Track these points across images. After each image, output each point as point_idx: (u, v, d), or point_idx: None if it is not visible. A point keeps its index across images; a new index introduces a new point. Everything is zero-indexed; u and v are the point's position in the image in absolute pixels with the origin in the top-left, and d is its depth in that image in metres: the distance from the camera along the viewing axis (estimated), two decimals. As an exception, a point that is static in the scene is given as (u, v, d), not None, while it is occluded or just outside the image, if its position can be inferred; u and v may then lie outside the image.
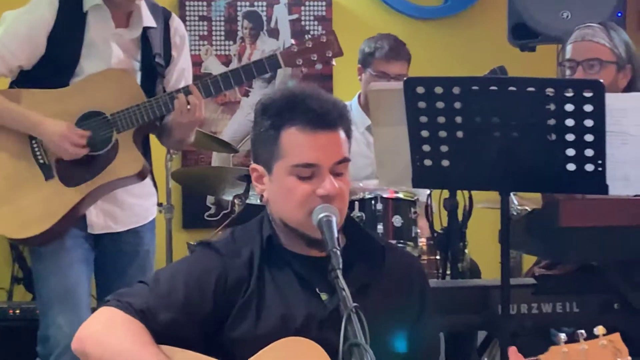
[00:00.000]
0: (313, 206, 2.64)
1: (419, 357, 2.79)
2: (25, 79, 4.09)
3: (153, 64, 4.13)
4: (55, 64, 4.05)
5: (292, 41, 5.43)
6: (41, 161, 4.00)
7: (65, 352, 2.92)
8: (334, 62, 4.23)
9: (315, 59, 4.09)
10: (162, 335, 2.65)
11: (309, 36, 4.22)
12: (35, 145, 4.00)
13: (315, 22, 5.74)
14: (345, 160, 2.71)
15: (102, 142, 3.97)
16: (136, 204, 4.21)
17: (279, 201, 2.73)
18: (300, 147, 2.67)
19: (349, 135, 2.74)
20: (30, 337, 4.29)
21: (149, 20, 4.12)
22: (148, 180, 4.21)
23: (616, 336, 2.62)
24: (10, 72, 4.07)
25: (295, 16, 5.84)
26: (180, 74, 4.22)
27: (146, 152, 4.16)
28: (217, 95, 4.26)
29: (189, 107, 3.94)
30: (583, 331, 2.62)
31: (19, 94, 4.05)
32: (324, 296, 2.71)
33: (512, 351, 2.60)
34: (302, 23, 5.57)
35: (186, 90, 3.97)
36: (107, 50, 4.07)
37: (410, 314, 2.80)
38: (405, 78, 4.96)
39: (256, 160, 2.78)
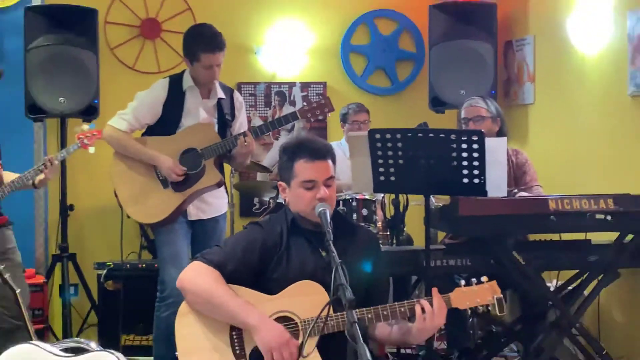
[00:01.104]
0: (314, 204, 2.66)
1: (377, 291, 2.79)
2: (150, 131, 4.10)
3: (224, 119, 4.11)
4: (167, 122, 4.05)
5: (304, 104, 5.45)
6: (160, 178, 4.00)
7: (174, 290, 2.93)
8: (329, 115, 4.23)
9: (318, 113, 4.07)
10: (230, 278, 2.67)
11: (314, 100, 4.23)
12: (156, 168, 4.00)
13: (317, 97, 5.71)
14: (332, 177, 2.73)
15: (196, 166, 3.97)
16: (215, 202, 4.17)
17: (295, 203, 2.75)
18: (305, 171, 2.70)
19: (334, 162, 2.75)
20: (151, 282, 4.28)
21: (220, 94, 4.12)
22: (223, 189, 4.19)
23: (494, 282, 2.67)
24: (141, 127, 4.09)
25: (305, 93, 5.81)
26: (240, 125, 4.19)
27: (222, 172, 4.13)
28: (262, 136, 4.24)
29: (246, 143, 3.95)
30: (474, 279, 2.66)
31: (148, 140, 4.06)
32: (323, 253, 2.71)
33: (435, 291, 2.60)
34: (309, 97, 5.55)
35: (244, 134, 3.97)
36: (197, 112, 4.06)
37: (369, 262, 2.79)
38: (368, 122, 5.07)
39: (281, 180, 2.79)
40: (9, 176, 3.99)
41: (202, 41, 3.94)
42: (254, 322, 2.57)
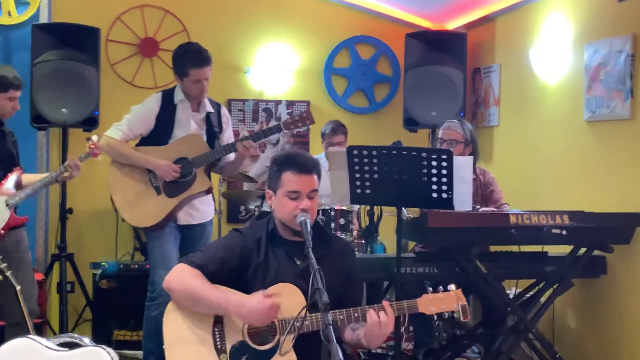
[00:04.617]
0: (297, 213, 2.65)
1: (351, 296, 2.78)
2: (144, 141, 4.07)
3: (212, 131, 4.08)
4: (160, 132, 4.02)
5: (288, 116, 5.41)
6: (154, 185, 3.96)
7: (162, 291, 2.91)
8: (310, 127, 4.16)
9: (300, 125, 4.03)
10: (211, 278, 2.67)
11: (297, 113, 4.20)
12: (150, 176, 3.97)
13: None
14: (315, 190, 2.72)
15: (187, 173, 3.94)
16: (203, 209, 4.14)
17: (279, 210, 2.73)
18: (291, 182, 2.69)
19: (319, 176, 2.74)
20: (142, 281, 4.25)
21: (209, 107, 4.10)
22: (210, 196, 4.16)
23: (459, 290, 2.66)
24: (135, 137, 4.04)
25: (290, 110, 5.79)
26: (228, 137, 4.17)
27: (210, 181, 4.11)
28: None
29: (245, 145, 3.89)
30: (441, 287, 2.66)
31: (142, 149, 4.03)
32: (298, 262, 2.72)
33: (386, 303, 2.59)
34: (293, 114, 5.52)
35: (243, 139, 3.93)
36: (188, 124, 4.03)
37: (343, 273, 2.79)
38: (344, 143, 5.03)
39: (269, 188, 2.79)
40: (28, 178, 3.99)
41: (190, 58, 3.93)
42: (233, 308, 2.59)
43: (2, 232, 3.85)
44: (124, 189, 3.98)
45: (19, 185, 3.93)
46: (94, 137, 4.02)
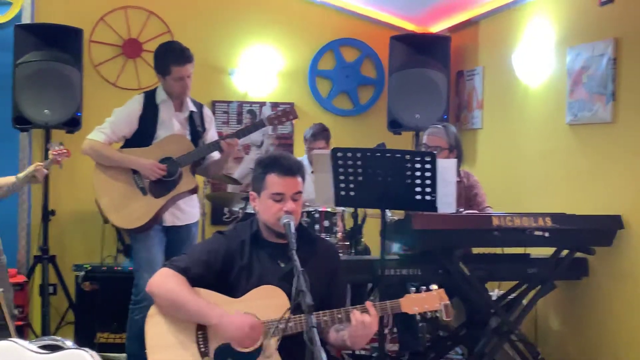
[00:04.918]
0: (281, 216, 2.65)
1: (335, 298, 2.78)
2: (127, 143, 4.05)
3: (196, 130, 4.09)
4: (143, 134, 4.01)
5: (272, 111, 5.40)
6: (140, 185, 3.96)
7: (147, 294, 2.91)
8: (294, 126, 4.17)
9: (284, 121, 4.08)
10: (195, 282, 2.67)
11: (279, 109, 4.24)
12: (136, 177, 3.96)
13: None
14: (299, 192, 2.72)
15: (173, 173, 3.95)
16: (189, 210, 4.14)
17: (263, 212, 2.73)
18: (275, 184, 2.69)
19: (303, 178, 2.75)
20: (125, 284, 4.24)
21: (192, 107, 4.10)
22: (196, 197, 4.16)
23: (442, 290, 2.67)
24: (118, 140, 4.04)
25: (274, 112, 5.74)
26: (211, 136, 4.16)
27: None
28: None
29: (230, 142, 3.94)
30: (424, 287, 2.67)
31: (125, 151, 4.02)
32: (282, 264, 2.72)
33: (369, 304, 2.60)
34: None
35: (227, 137, 3.97)
36: (171, 124, 4.03)
37: (327, 275, 2.79)
38: (325, 149, 4.99)
39: (253, 189, 2.78)
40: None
41: (172, 55, 3.95)
42: (215, 320, 2.58)
43: None
44: (110, 191, 3.97)
45: None
46: (55, 145, 4.00)
